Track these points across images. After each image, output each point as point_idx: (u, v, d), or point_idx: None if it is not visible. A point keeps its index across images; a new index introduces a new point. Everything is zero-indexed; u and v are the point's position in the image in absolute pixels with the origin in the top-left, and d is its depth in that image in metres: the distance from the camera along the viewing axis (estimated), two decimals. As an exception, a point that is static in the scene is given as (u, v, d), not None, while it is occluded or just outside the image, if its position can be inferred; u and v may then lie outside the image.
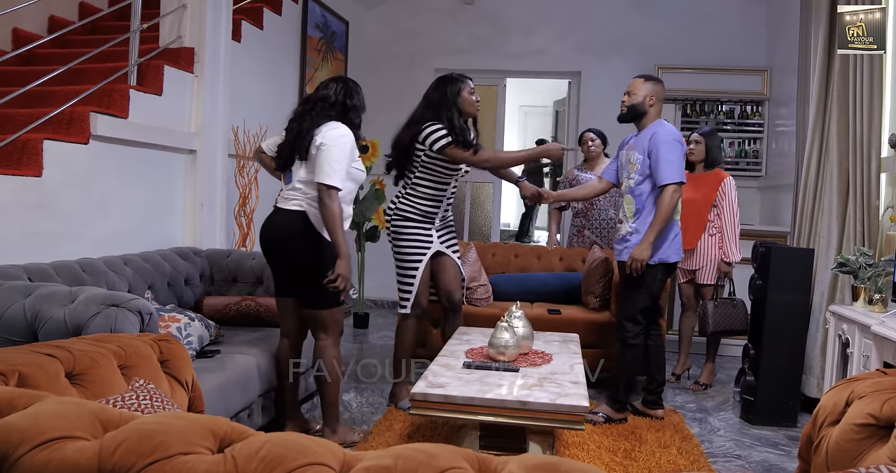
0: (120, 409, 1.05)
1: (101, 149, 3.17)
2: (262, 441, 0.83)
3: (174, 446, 0.81)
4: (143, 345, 1.60)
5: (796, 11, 4.39)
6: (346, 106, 2.84)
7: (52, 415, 0.88)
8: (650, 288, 3.34)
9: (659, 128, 3.30)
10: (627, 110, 3.38)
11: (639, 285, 3.32)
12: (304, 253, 2.75)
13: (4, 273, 2.49)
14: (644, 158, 3.29)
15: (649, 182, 3.30)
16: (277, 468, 0.78)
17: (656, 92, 3.35)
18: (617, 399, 3.41)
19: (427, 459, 0.78)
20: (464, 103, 3.34)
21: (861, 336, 3.08)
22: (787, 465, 3.05)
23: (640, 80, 3.38)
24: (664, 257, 3.32)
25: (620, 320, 3.40)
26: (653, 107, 3.35)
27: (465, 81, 3.37)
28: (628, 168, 3.39)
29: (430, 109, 3.32)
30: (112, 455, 0.81)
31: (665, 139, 3.24)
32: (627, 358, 3.40)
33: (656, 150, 3.23)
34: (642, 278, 3.29)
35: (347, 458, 0.84)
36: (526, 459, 0.80)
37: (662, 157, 3.22)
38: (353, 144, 2.77)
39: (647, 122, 3.36)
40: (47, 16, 4.33)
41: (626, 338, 3.37)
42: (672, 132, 3.29)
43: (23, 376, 1.25)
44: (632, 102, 3.36)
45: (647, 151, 3.27)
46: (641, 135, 3.36)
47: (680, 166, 3.25)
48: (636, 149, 3.35)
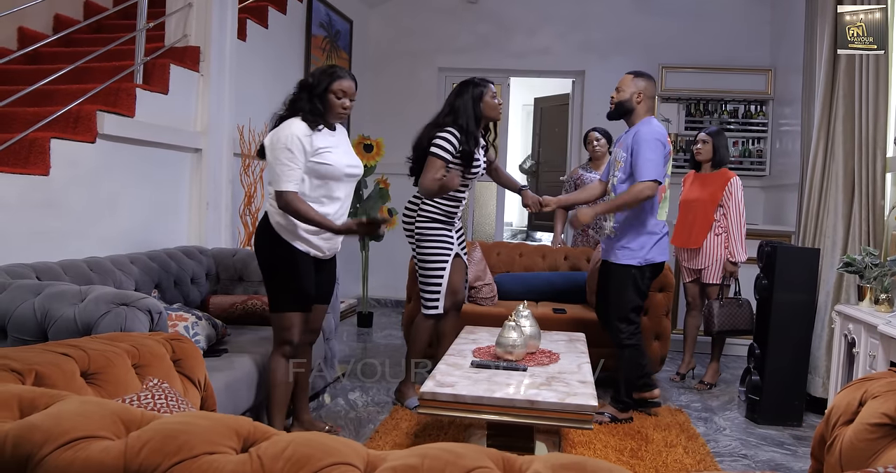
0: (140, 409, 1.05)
1: (107, 148, 3.17)
2: (286, 441, 0.83)
3: (199, 446, 0.81)
4: (156, 344, 1.60)
5: (800, 11, 4.39)
6: (298, 95, 2.70)
7: (74, 415, 0.88)
8: (639, 288, 3.36)
9: (643, 127, 3.28)
10: (615, 107, 3.38)
11: (627, 286, 3.34)
12: (260, 255, 2.78)
13: (12, 272, 2.49)
14: (627, 156, 3.29)
15: (631, 180, 3.29)
16: (304, 468, 0.78)
17: (644, 89, 3.33)
18: (620, 400, 3.41)
19: (453, 458, 0.78)
20: (485, 108, 3.34)
21: (867, 335, 3.08)
22: (794, 465, 3.05)
23: (629, 77, 3.36)
24: (650, 258, 3.33)
25: (613, 322, 3.40)
26: (640, 104, 3.33)
27: (487, 85, 3.36)
28: (614, 165, 3.40)
29: (450, 114, 3.33)
30: (137, 454, 0.81)
31: (647, 137, 3.22)
32: (626, 358, 3.40)
33: (637, 148, 3.23)
34: (630, 280, 3.33)
35: (371, 458, 0.84)
36: (552, 458, 0.80)
37: (641, 155, 3.21)
38: (298, 139, 2.58)
39: (635, 120, 3.34)
40: (52, 14, 4.33)
41: (622, 339, 3.38)
42: (655, 131, 3.27)
43: (39, 375, 1.25)
44: (619, 99, 3.35)
45: (630, 149, 3.27)
46: (629, 132, 3.36)
47: (658, 164, 3.22)
48: (622, 147, 3.35)
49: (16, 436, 0.86)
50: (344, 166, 2.74)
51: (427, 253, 3.38)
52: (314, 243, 2.75)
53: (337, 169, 2.70)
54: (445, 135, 3.26)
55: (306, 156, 2.62)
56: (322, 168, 2.65)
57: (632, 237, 3.33)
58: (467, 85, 3.36)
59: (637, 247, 3.32)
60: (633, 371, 3.43)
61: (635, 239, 3.33)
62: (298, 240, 2.72)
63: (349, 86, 2.72)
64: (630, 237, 3.33)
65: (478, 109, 3.31)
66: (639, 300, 3.38)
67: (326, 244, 2.81)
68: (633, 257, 3.33)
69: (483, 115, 3.34)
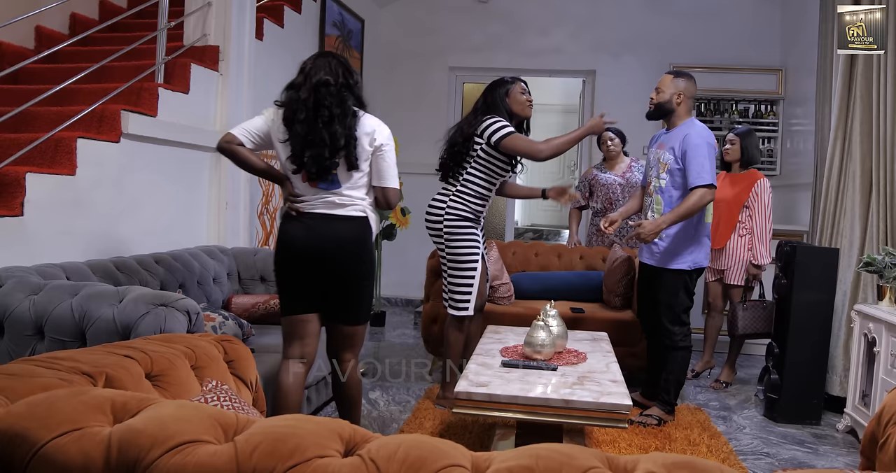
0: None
1: (131, 148, 3.17)
2: (396, 444, 0.83)
3: (310, 449, 0.82)
4: (209, 346, 1.60)
5: (811, 11, 4.40)
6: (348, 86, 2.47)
7: (175, 419, 0.89)
8: (689, 291, 3.36)
9: (691, 130, 3.26)
10: (655, 107, 3.36)
11: (679, 290, 3.33)
12: (365, 262, 2.52)
13: (43, 272, 2.49)
14: (675, 158, 3.27)
15: (681, 183, 3.28)
16: (420, 470, 0.78)
17: (685, 89, 3.31)
18: (668, 401, 3.41)
19: (567, 459, 0.79)
20: (512, 103, 3.32)
21: (888, 335, 3.10)
22: (816, 462, 3.07)
23: (669, 77, 3.35)
24: (698, 261, 3.34)
25: (665, 325, 3.37)
26: (681, 105, 3.32)
27: (516, 82, 3.36)
28: (657, 167, 3.36)
29: (483, 110, 3.32)
30: (249, 458, 0.81)
31: (698, 142, 3.21)
32: (678, 360, 3.38)
33: (690, 152, 3.21)
34: (682, 284, 3.33)
35: (475, 460, 0.84)
36: (660, 458, 0.80)
37: (695, 160, 3.18)
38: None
39: (676, 121, 3.34)
40: (69, 13, 4.31)
41: (676, 342, 3.36)
42: (704, 134, 3.26)
43: (109, 378, 1.25)
44: (659, 100, 3.33)
45: (681, 152, 3.25)
46: (672, 133, 3.34)
47: (712, 169, 3.21)
48: (665, 149, 3.33)
49: (120, 440, 0.86)
50: None
51: (458, 253, 3.34)
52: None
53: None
54: (492, 120, 3.23)
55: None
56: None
57: (684, 242, 3.31)
58: (497, 82, 3.36)
59: (689, 252, 3.31)
60: (684, 373, 3.43)
61: (688, 245, 3.31)
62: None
63: None
64: (683, 242, 3.31)
65: (507, 105, 3.31)
66: (689, 302, 3.39)
67: None
68: (685, 262, 3.32)
69: (513, 112, 3.33)
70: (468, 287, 3.36)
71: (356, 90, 2.49)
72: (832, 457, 3.14)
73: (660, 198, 3.35)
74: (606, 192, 4.53)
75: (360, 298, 2.55)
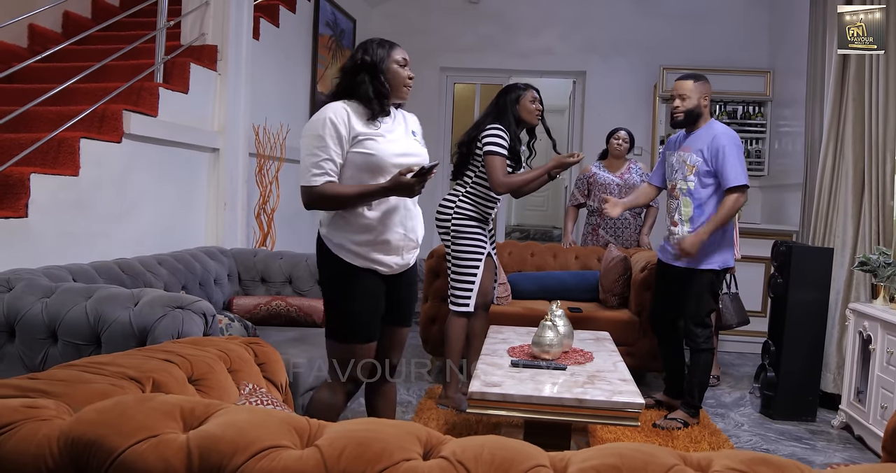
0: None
1: (132, 148, 3.14)
2: (479, 445, 0.84)
3: (396, 452, 0.82)
4: (240, 349, 1.60)
5: (799, 13, 4.48)
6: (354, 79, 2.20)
7: (252, 425, 0.88)
8: (715, 292, 3.38)
9: (719, 130, 3.26)
10: (684, 115, 3.30)
11: (706, 291, 3.34)
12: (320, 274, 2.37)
13: (50, 274, 2.45)
14: (703, 160, 3.25)
15: (711, 185, 3.27)
16: (509, 471, 0.79)
17: (707, 91, 3.32)
18: (693, 404, 3.43)
19: (650, 458, 0.80)
20: (521, 111, 3.38)
21: (884, 333, 3.17)
22: (815, 458, 3.14)
23: (689, 82, 3.30)
24: (727, 261, 3.36)
25: (689, 327, 3.37)
26: (706, 107, 3.33)
27: (528, 90, 3.39)
28: (683, 170, 3.32)
29: (492, 115, 3.38)
30: (337, 462, 0.81)
31: (728, 143, 3.21)
32: (702, 362, 3.38)
33: (722, 153, 3.20)
34: (709, 285, 3.33)
35: (553, 460, 0.86)
36: (733, 455, 0.82)
37: (728, 162, 3.18)
38: (331, 123, 2.10)
39: (701, 123, 3.33)
40: (62, 12, 4.24)
41: (699, 344, 3.35)
42: (730, 133, 3.27)
43: (156, 382, 1.24)
44: (688, 107, 3.28)
45: (712, 153, 3.23)
46: (697, 135, 3.31)
47: (744, 169, 3.22)
48: (692, 151, 3.30)
49: (199, 447, 0.86)
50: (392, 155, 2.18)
51: (462, 250, 3.41)
52: (374, 258, 2.20)
53: (379, 156, 2.15)
54: (494, 132, 3.30)
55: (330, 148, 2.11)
56: (356, 158, 2.15)
57: (714, 242, 3.30)
58: (511, 87, 3.43)
59: (719, 253, 3.32)
60: (707, 375, 3.43)
61: (719, 246, 3.31)
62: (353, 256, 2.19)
63: (404, 53, 2.28)
64: (712, 243, 3.29)
65: (516, 111, 3.36)
66: (713, 304, 3.41)
67: (391, 257, 2.23)
68: (714, 262, 3.32)
69: (521, 118, 3.38)
70: (470, 284, 3.42)
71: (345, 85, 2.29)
72: (829, 453, 3.21)
73: (688, 200, 3.32)
74: (604, 192, 4.58)
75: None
